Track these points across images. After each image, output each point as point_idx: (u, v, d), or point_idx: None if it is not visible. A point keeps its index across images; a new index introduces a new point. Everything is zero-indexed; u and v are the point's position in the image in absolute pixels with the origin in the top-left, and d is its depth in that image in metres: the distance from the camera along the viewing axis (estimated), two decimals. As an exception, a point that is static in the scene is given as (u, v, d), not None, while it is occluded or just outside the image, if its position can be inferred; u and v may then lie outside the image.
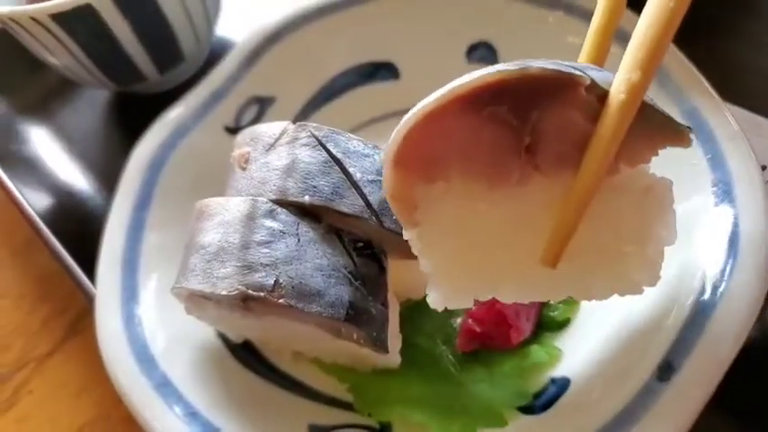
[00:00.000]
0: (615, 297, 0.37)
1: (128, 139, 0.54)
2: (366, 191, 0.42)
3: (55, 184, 0.63)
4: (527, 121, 0.33)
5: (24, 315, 0.59)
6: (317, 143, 0.43)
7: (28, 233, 0.59)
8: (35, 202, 0.59)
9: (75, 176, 0.64)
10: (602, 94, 0.33)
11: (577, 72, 0.33)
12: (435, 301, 0.37)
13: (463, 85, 0.33)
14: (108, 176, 0.54)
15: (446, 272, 0.36)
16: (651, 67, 0.33)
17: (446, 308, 0.37)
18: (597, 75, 0.34)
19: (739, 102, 0.55)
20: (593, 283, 0.36)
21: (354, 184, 0.42)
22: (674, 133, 0.35)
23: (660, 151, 0.35)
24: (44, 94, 0.70)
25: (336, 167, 0.43)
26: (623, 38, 0.36)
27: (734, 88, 0.55)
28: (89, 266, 0.50)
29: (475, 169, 0.34)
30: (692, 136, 0.44)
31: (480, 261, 0.36)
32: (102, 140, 0.67)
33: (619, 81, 0.33)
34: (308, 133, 0.44)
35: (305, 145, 0.43)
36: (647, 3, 0.34)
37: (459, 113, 0.33)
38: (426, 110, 0.33)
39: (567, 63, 0.34)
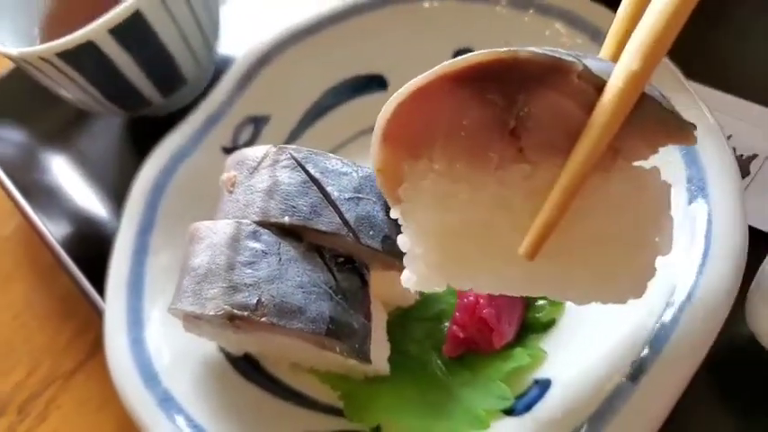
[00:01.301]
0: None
1: (142, 163, 0.57)
2: (343, 209, 0.44)
3: (74, 210, 0.66)
4: (513, 104, 0.33)
5: (51, 335, 0.63)
6: (296, 165, 0.45)
7: (51, 258, 0.63)
8: (55, 228, 0.63)
9: (92, 202, 0.67)
10: (600, 84, 0.32)
11: (570, 58, 0.32)
12: (408, 281, 0.37)
13: (453, 63, 0.33)
14: (123, 201, 0.56)
15: (423, 252, 0.36)
16: (654, 57, 0.32)
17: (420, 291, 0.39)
18: (596, 64, 0.33)
19: (727, 88, 0.54)
20: (572, 284, 0.35)
21: (332, 203, 0.44)
22: (676, 130, 0.33)
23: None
24: (62, 125, 0.73)
25: (315, 187, 0.45)
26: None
27: (721, 75, 0.56)
28: (104, 288, 0.53)
29: (457, 148, 0.34)
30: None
31: (458, 245, 0.36)
32: (119, 166, 0.70)
33: (618, 70, 0.32)
34: (288, 155, 0.46)
35: (285, 167, 0.45)
36: None
37: (447, 92, 0.33)
38: (415, 86, 0.34)
39: (563, 51, 0.33)
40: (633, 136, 0.33)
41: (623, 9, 0.36)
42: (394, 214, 0.38)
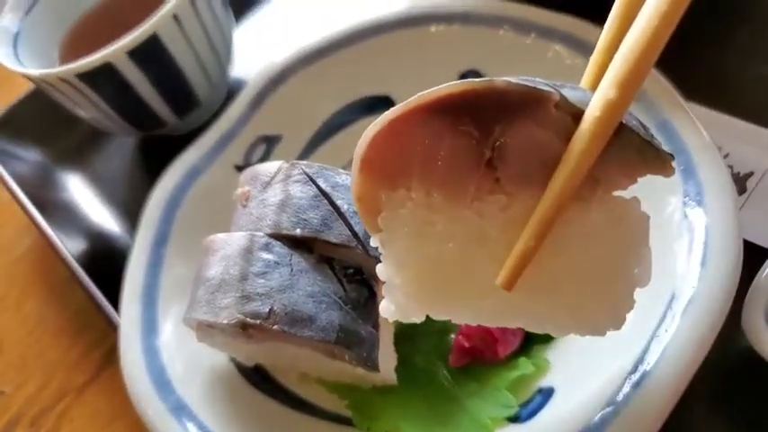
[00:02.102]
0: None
1: (155, 182, 0.59)
2: (352, 221, 0.45)
3: (88, 226, 0.68)
4: (490, 135, 0.33)
5: (64, 349, 0.64)
6: (307, 179, 0.47)
7: (66, 273, 0.64)
8: (70, 244, 0.65)
9: (107, 219, 0.69)
10: (578, 114, 0.32)
11: (547, 88, 0.32)
12: (386, 311, 0.37)
13: (429, 93, 0.33)
14: (137, 218, 0.58)
15: (401, 282, 0.36)
16: (631, 86, 0.31)
17: (398, 320, 0.37)
18: (573, 93, 0.33)
19: (725, 109, 0.56)
20: (550, 316, 0.35)
21: (341, 216, 0.46)
22: (654, 160, 0.33)
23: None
24: (78, 144, 0.76)
25: (325, 201, 0.46)
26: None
27: (719, 96, 0.57)
28: (119, 302, 0.54)
29: (434, 179, 0.34)
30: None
31: (435, 276, 0.35)
32: (132, 184, 0.72)
33: (596, 99, 0.32)
34: (300, 170, 0.48)
35: (297, 181, 0.47)
36: (635, 21, 0.32)
37: (423, 122, 0.33)
38: (393, 116, 0.33)
39: (541, 80, 0.33)
40: (612, 166, 0.33)
41: (603, 40, 0.36)
42: (373, 242, 0.37)
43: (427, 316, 0.50)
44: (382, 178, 0.35)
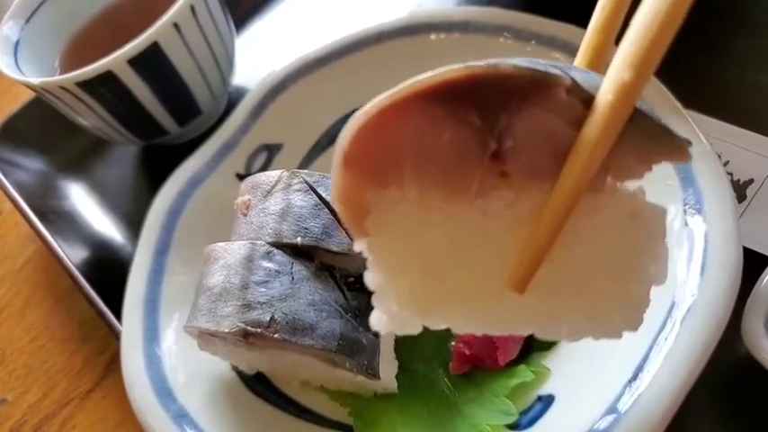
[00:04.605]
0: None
1: (157, 190, 0.59)
2: (353, 229, 0.46)
3: (91, 235, 0.69)
4: (494, 125, 0.29)
5: (68, 356, 0.64)
6: (308, 188, 0.47)
7: (69, 282, 0.65)
8: (73, 253, 0.65)
9: (109, 228, 0.69)
10: (588, 98, 0.29)
11: (556, 71, 0.29)
12: (378, 323, 0.32)
13: (424, 80, 0.29)
14: (139, 226, 0.58)
15: (394, 290, 0.32)
16: (646, 66, 0.28)
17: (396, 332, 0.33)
18: (583, 76, 0.30)
19: (725, 116, 0.56)
20: (562, 320, 0.32)
21: (342, 224, 0.46)
22: (670, 146, 0.31)
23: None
24: (79, 153, 0.76)
25: (326, 210, 0.47)
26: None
27: (719, 103, 0.57)
28: (121, 310, 0.54)
29: (431, 175, 0.31)
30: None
31: (434, 281, 0.32)
32: (134, 193, 0.72)
33: (608, 81, 0.29)
34: (301, 179, 0.48)
35: (298, 190, 0.47)
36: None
37: (418, 111, 0.29)
38: (381, 105, 0.29)
39: (548, 62, 0.30)
40: (625, 154, 0.30)
41: (596, 20, 0.34)
42: (358, 248, 0.33)
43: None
44: (369, 176, 0.31)
